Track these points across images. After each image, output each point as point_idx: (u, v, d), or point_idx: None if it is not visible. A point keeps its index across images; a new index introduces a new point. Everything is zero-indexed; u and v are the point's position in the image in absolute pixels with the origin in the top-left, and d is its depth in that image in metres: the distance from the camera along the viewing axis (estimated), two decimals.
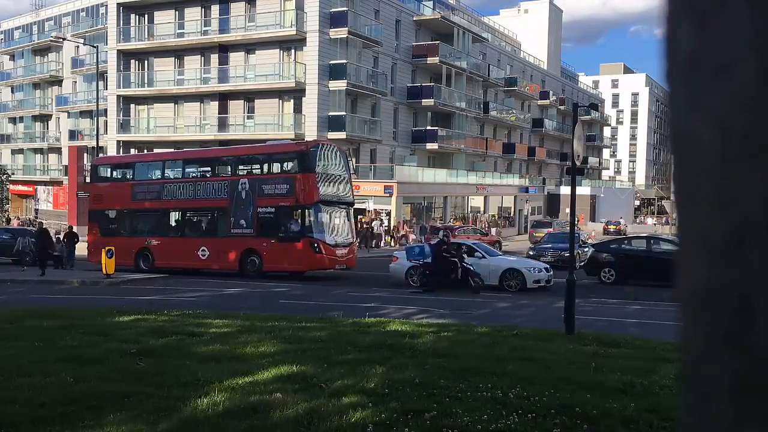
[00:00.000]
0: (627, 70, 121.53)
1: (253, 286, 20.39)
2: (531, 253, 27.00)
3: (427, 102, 44.76)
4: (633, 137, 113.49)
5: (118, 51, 44.32)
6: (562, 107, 68.48)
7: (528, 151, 62.28)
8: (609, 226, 53.44)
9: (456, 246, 20.34)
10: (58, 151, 58.53)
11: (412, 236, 37.00)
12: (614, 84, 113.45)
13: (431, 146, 45.60)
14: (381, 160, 42.13)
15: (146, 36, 43.95)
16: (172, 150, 43.58)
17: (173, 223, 24.93)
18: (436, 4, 52.71)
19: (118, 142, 45.29)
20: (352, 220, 25.15)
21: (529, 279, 19.26)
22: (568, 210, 14.06)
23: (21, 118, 62.32)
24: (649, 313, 15.16)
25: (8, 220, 49.27)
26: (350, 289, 19.69)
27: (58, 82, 58.67)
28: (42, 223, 29.64)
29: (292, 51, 38.98)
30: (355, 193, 37.27)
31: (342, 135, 37.86)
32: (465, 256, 19.55)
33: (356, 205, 37.47)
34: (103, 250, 22.01)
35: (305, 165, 22.11)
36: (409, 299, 17.24)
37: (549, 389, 6.53)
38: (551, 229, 37.82)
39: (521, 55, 67.57)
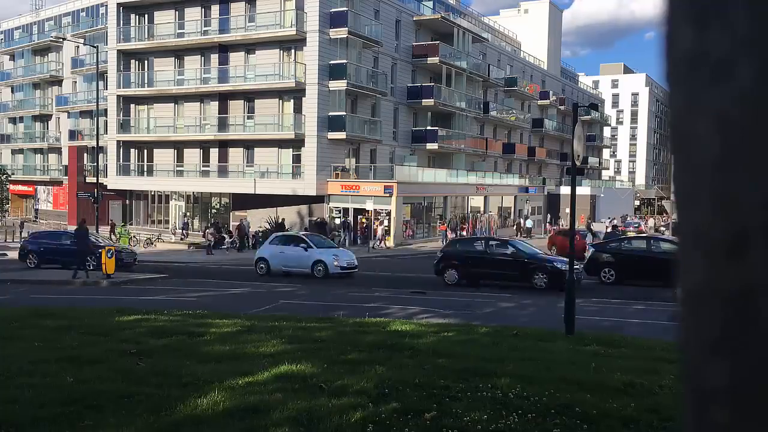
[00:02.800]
0: (627, 70, 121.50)
1: (256, 286, 20.40)
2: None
3: (427, 102, 44.75)
4: (633, 137, 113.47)
5: (118, 51, 44.32)
6: (562, 107, 68.46)
7: (528, 151, 62.26)
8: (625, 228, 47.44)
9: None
10: (58, 151, 58.53)
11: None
12: (614, 84, 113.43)
13: (431, 146, 45.59)
14: (381, 160, 42.12)
15: (146, 36, 43.94)
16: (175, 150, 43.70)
17: None
18: (436, 4, 52.69)
19: (118, 142, 45.31)
20: None
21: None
22: (568, 210, 14.06)
23: (21, 118, 62.31)
24: (650, 313, 15.16)
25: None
26: (351, 289, 19.69)
27: (58, 82, 58.66)
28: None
29: (292, 51, 38.97)
30: (355, 193, 37.56)
31: (342, 135, 37.86)
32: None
33: (356, 206, 37.72)
34: (102, 250, 22.00)
35: None
36: (412, 299, 17.24)
37: (549, 389, 6.53)
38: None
39: (521, 55, 67.54)
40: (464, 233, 41.93)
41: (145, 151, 45.53)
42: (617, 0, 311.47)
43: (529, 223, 50.68)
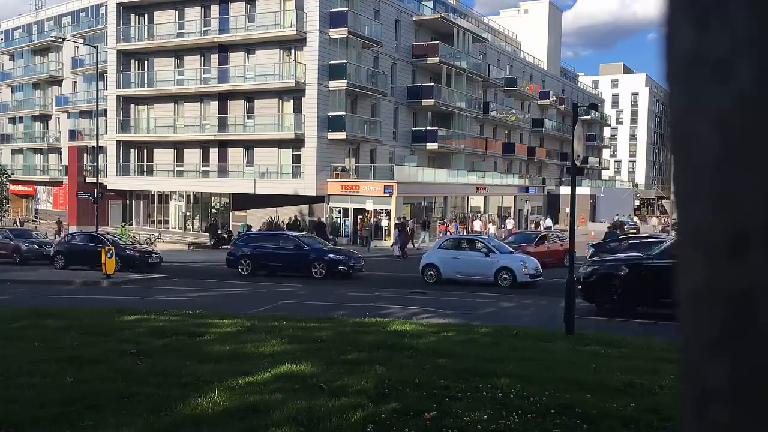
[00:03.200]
0: (627, 70, 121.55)
1: (257, 286, 20.39)
2: None
3: (427, 102, 44.75)
4: (633, 137, 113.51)
5: (118, 51, 44.32)
6: (562, 107, 68.47)
7: (528, 151, 62.26)
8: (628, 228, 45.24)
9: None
10: (58, 151, 58.54)
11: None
12: (614, 84, 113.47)
13: (431, 146, 45.59)
14: (381, 160, 42.12)
15: (146, 36, 43.94)
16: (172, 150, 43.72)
17: None
18: (436, 4, 52.68)
19: (118, 142, 45.31)
20: None
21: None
22: (568, 210, 14.06)
23: (21, 118, 62.32)
24: (650, 314, 15.13)
25: None
26: (351, 289, 19.68)
27: (58, 82, 58.67)
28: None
29: (292, 51, 38.97)
30: (355, 193, 37.56)
31: (342, 135, 37.86)
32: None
33: (356, 205, 37.72)
34: (102, 250, 21.99)
35: None
36: (412, 299, 17.24)
37: (549, 389, 6.53)
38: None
39: (521, 55, 67.55)
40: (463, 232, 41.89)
41: (145, 151, 45.53)
42: (619, 1, 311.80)
43: (548, 222, 49.03)
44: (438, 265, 21.43)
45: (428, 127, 46.10)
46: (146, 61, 44.55)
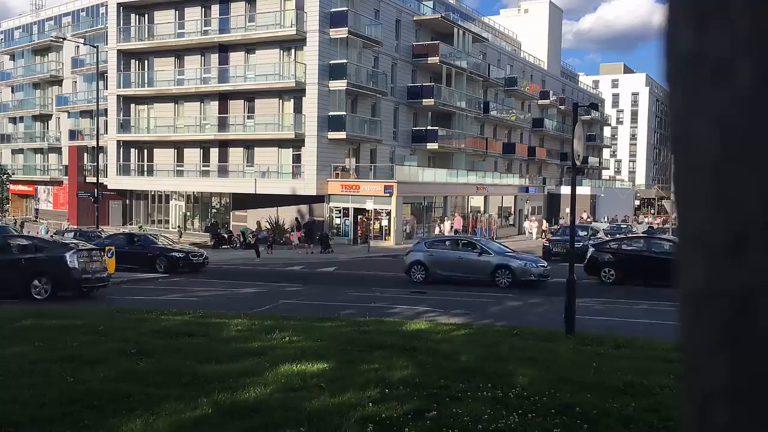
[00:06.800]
0: (627, 70, 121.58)
1: (261, 286, 20.38)
2: None
3: (427, 102, 44.73)
4: (633, 137, 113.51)
5: (118, 51, 44.32)
6: (562, 107, 68.43)
7: (528, 151, 62.22)
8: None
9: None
10: (58, 151, 58.53)
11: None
12: (614, 84, 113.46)
13: (431, 146, 45.58)
14: (381, 160, 42.10)
15: (146, 36, 43.94)
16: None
17: None
18: (436, 4, 52.66)
19: (118, 142, 45.31)
20: None
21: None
22: (568, 209, 14.06)
23: (21, 118, 62.30)
24: (651, 313, 15.15)
25: None
26: (352, 289, 19.67)
27: (58, 82, 58.65)
28: None
29: (292, 51, 38.96)
30: (355, 193, 37.56)
31: (342, 135, 37.85)
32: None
33: (356, 205, 37.72)
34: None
35: None
36: (413, 299, 17.24)
37: (549, 389, 6.53)
38: None
39: (521, 55, 67.51)
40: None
41: (145, 150, 45.53)
42: (640, 9, 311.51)
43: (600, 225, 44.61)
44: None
45: (428, 127, 46.08)
46: (146, 61, 44.54)
